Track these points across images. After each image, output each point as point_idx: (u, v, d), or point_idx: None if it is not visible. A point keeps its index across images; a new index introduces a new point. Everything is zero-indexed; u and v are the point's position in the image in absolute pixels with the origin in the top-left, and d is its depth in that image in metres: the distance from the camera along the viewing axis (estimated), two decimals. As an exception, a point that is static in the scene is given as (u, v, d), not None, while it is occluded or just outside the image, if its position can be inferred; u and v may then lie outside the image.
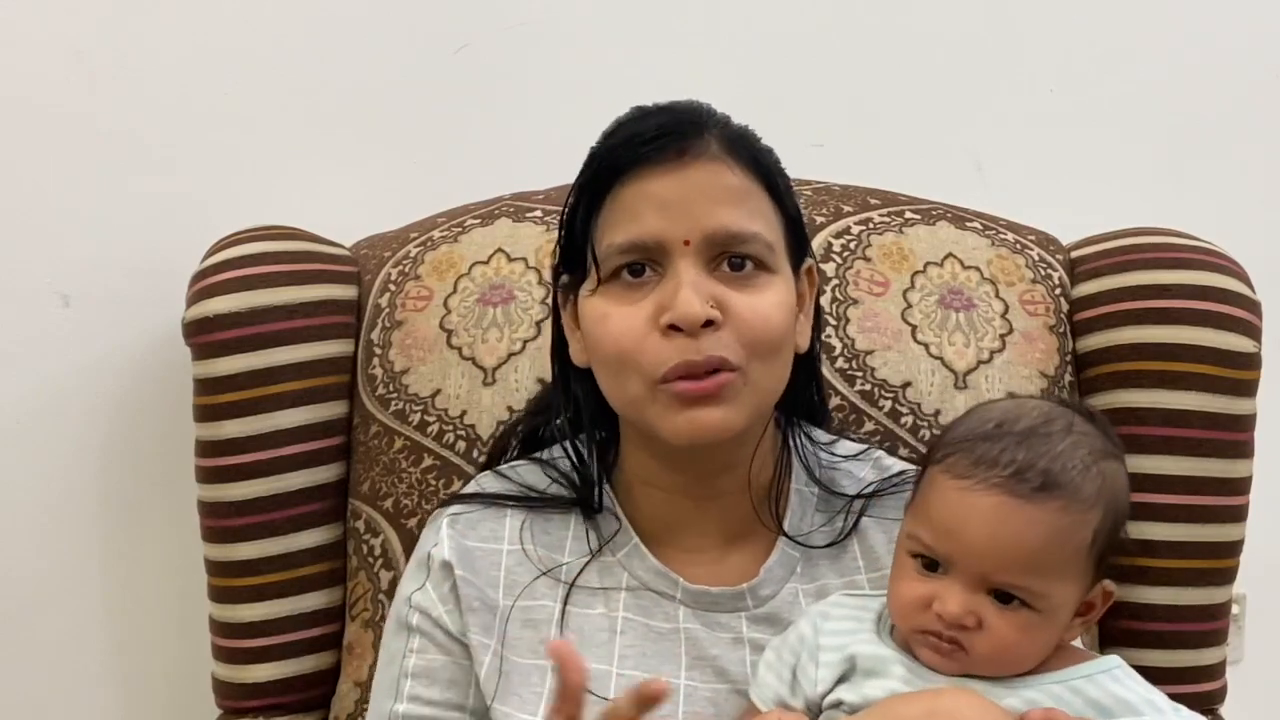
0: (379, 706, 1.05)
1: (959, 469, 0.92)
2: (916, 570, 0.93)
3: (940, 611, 0.90)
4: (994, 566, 0.90)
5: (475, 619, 1.03)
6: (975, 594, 0.90)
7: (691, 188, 0.97)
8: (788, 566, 1.06)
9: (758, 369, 0.98)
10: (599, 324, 0.99)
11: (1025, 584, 0.90)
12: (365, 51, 1.54)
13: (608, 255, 0.99)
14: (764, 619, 1.03)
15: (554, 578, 1.04)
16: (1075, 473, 0.91)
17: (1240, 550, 1.29)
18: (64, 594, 1.52)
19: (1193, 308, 1.26)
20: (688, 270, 0.96)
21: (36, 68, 1.45)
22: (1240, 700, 1.36)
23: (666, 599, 1.04)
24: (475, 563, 1.05)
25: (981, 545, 0.89)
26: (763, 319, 0.97)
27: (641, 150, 0.98)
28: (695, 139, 0.98)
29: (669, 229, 0.97)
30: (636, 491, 1.07)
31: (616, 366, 0.99)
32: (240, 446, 1.27)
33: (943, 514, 0.92)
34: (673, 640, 1.03)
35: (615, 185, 0.99)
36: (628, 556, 1.05)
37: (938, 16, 1.62)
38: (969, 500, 0.90)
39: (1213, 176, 1.67)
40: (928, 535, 0.92)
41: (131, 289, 1.48)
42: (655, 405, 0.97)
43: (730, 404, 0.97)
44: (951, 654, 0.91)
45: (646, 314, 0.97)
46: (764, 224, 1.00)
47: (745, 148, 1.01)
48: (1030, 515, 0.89)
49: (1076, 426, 0.94)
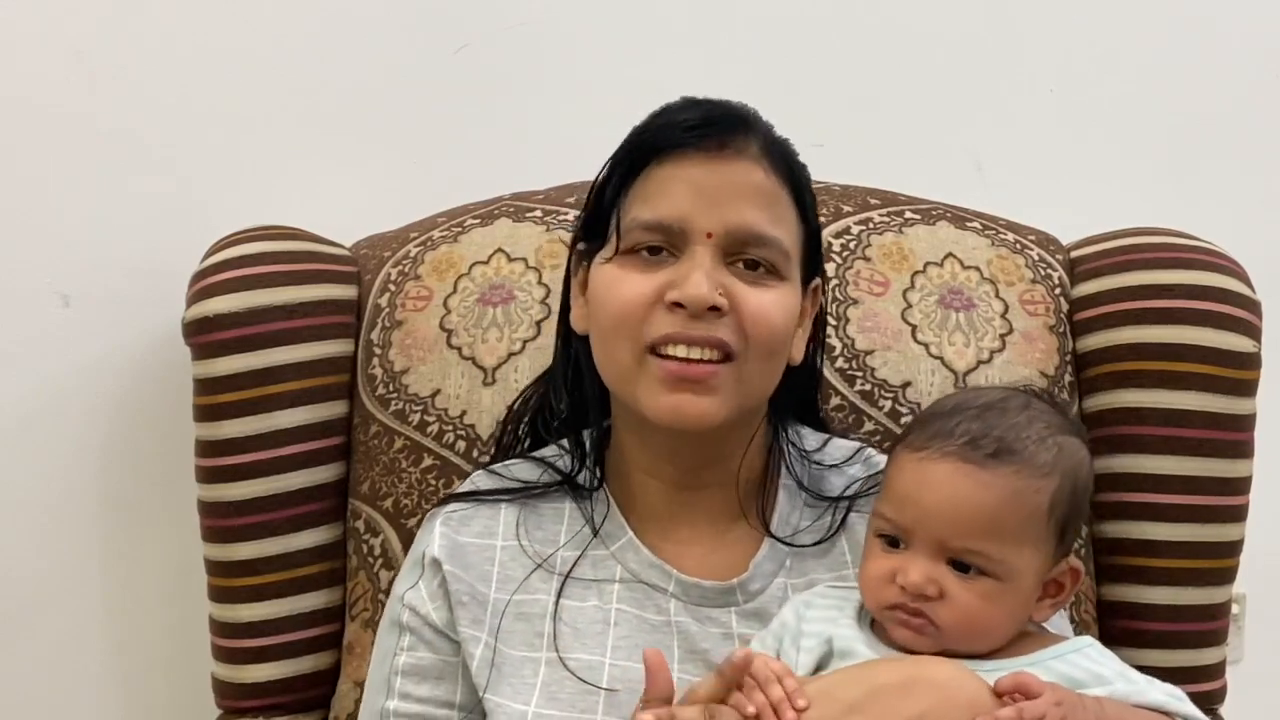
0: (371, 702, 1.06)
1: (916, 442, 0.95)
2: (881, 548, 0.95)
3: (903, 582, 0.92)
4: (950, 531, 0.91)
5: (465, 612, 1.03)
6: (936, 563, 0.92)
7: (725, 180, 0.99)
8: (777, 561, 1.06)
9: (752, 364, 0.99)
10: (607, 288, 1.01)
11: (981, 548, 0.91)
12: (365, 51, 1.54)
13: (630, 228, 1.00)
14: (753, 614, 1.04)
15: (548, 570, 1.05)
16: (1030, 442, 0.93)
17: (1240, 550, 1.29)
18: (64, 594, 1.52)
19: (1193, 308, 1.26)
20: (704, 258, 0.98)
21: (36, 68, 1.45)
22: (1240, 700, 1.36)
23: (659, 591, 1.05)
24: (467, 558, 1.06)
25: (937, 510, 0.92)
26: (766, 317, 0.99)
27: (685, 134, 1.00)
28: (738, 135, 1.00)
29: (696, 216, 0.98)
30: (629, 479, 1.08)
31: (612, 330, 1.00)
32: (240, 446, 1.27)
33: (901, 484, 0.95)
34: (665, 633, 1.03)
35: (652, 162, 1.01)
36: (621, 549, 1.06)
37: (938, 16, 1.62)
38: (924, 468, 0.93)
39: (1213, 176, 1.67)
40: (889, 509, 0.95)
41: (131, 289, 1.48)
42: (643, 377, 0.99)
43: (717, 395, 0.98)
44: (921, 629, 0.92)
45: (655, 285, 0.99)
46: (786, 231, 1.02)
47: (782, 155, 1.03)
48: (984, 479, 0.92)
49: (1034, 405, 0.96)
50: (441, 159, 1.56)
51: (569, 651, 1.02)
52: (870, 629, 0.97)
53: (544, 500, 1.09)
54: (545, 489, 1.09)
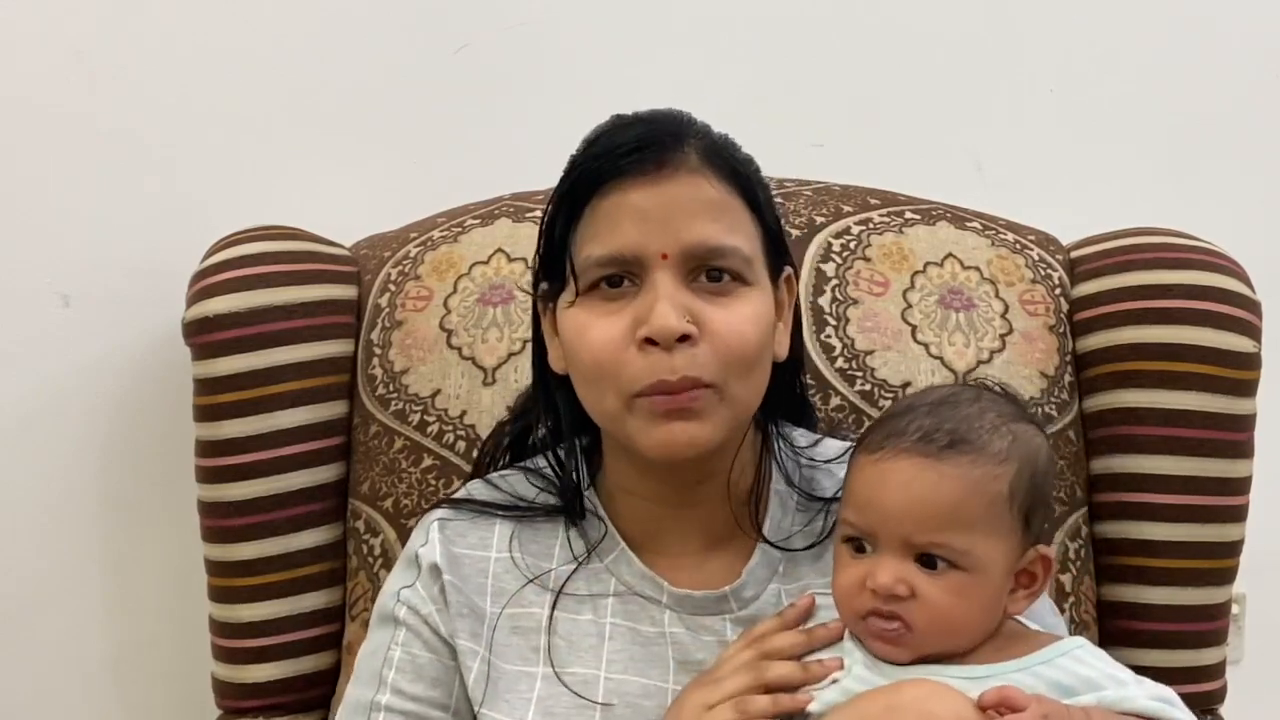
0: (357, 695, 1.05)
1: (872, 444, 0.95)
2: (850, 556, 0.94)
3: (873, 585, 0.91)
4: (913, 527, 0.91)
5: (463, 624, 1.03)
6: (904, 562, 0.91)
7: (670, 200, 0.97)
8: (770, 567, 1.06)
9: (734, 385, 0.98)
10: (578, 336, 0.99)
11: (946, 541, 0.91)
12: (365, 51, 1.54)
13: (586, 267, 0.98)
14: (747, 621, 1.03)
15: (541, 585, 1.05)
16: (983, 431, 0.93)
17: (1240, 550, 1.29)
18: (64, 594, 1.52)
19: (1193, 308, 1.26)
20: (664, 283, 0.96)
21: (36, 68, 1.45)
22: (1240, 700, 1.36)
23: (653, 604, 1.04)
24: (463, 569, 1.05)
25: (897, 508, 0.91)
26: (739, 335, 0.97)
27: (621, 162, 0.97)
28: (674, 150, 0.98)
29: (647, 241, 0.96)
30: (619, 500, 1.07)
31: (594, 379, 0.99)
32: (240, 446, 1.27)
33: (860, 488, 0.94)
34: (660, 645, 1.03)
35: (594, 196, 0.98)
36: (615, 562, 1.05)
37: (938, 16, 1.62)
38: (881, 468, 0.93)
39: (1213, 176, 1.67)
40: (851, 514, 0.94)
41: (131, 289, 1.48)
42: (632, 419, 0.97)
43: (705, 420, 0.97)
44: (897, 637, 0.92)
45: (623, 326, 0.97)
46: (742, 237, 0.99)
47: (724, 160, 1.00)
48: (940, 471, 0.91)
49: (984, 397, 0.97)
50: (441, 159, 1.56)
51: (564, 666, 1.01)
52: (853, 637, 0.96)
53: (539, 516, 1.08)
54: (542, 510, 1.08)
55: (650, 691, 1.01)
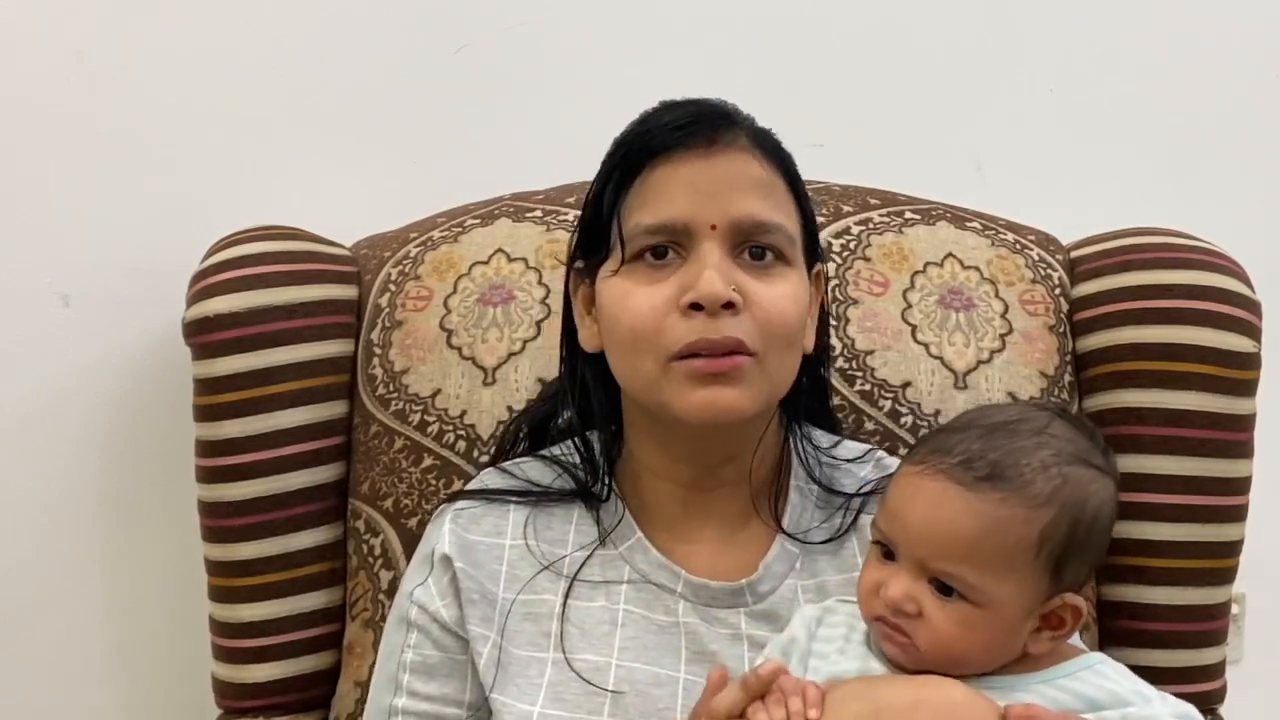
0: (378, 700, 1.06)
1: (917, 456, 0.94)
2: (876, 558, 0.94)
3: (884, 596, 0.91)
4: (930, 551, 0.90)
5: (474, 610, 1.03)
6: (917, 581, 0.90)
7: (720, 174, 1.00)
8: (787, 562, 1.06)
9: (773, 358, 0.99)
10: (619, 302, 1.01)
11: (958, 573, 0.89)
12: (365, 51, 1.54)
13: (634, 235, 1.00)
14: (763, 615, 1.04)
15: (556, 572, 1.05)
16: (1028, 469, 0.89)
17: (1240, 550, 1.29)
18: (64, 594, 1.52)
19: (1193, 308, 1.26)
20: (712, 253, 0.98)
21: (36, 68, 1.45)
22: (1240, 700, 1.36)
23: (667, 592, 1.04)
24: (477, 556, 1.06)
25: (918, 528, 0.91)
26: (780, 309, 0.99)
27: (674, 134, 1.00)
28: (726, 129, 1.01)
29: (697, 212, 0.99)
30: (641, 482, 1.08)
31: (631, 345, 1.00)
32: (240, 446, 1.27)
33: (894, 498, 0.94)
34: (673, 634, 1.03)
35: (645, 167, 1.01)
36: (630, 549, 1.06)
37: (938, 16, 1.62)
38: (915, 483, 0.92)
39: (1213, 176, 1.67)
40: (882, 520, 0.94)
41: (131, 289, 1.48)
42: (669, 383, 0.98)
43: (744, 386, 0.98)
44: (904, 646, 0.91)
45: (668, 294, 0.99)
46: (786, 217, 1.02)
47: (772, 143, 1.04)
48: (967, 503, 0.89)
49: (1052, 429, 0.92)
50: (441, 159, 1.56)
51: (576, 652, 1.02)
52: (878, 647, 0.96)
53: (554, 500, 1.09)
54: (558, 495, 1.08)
55: (661, 680, 1.01)
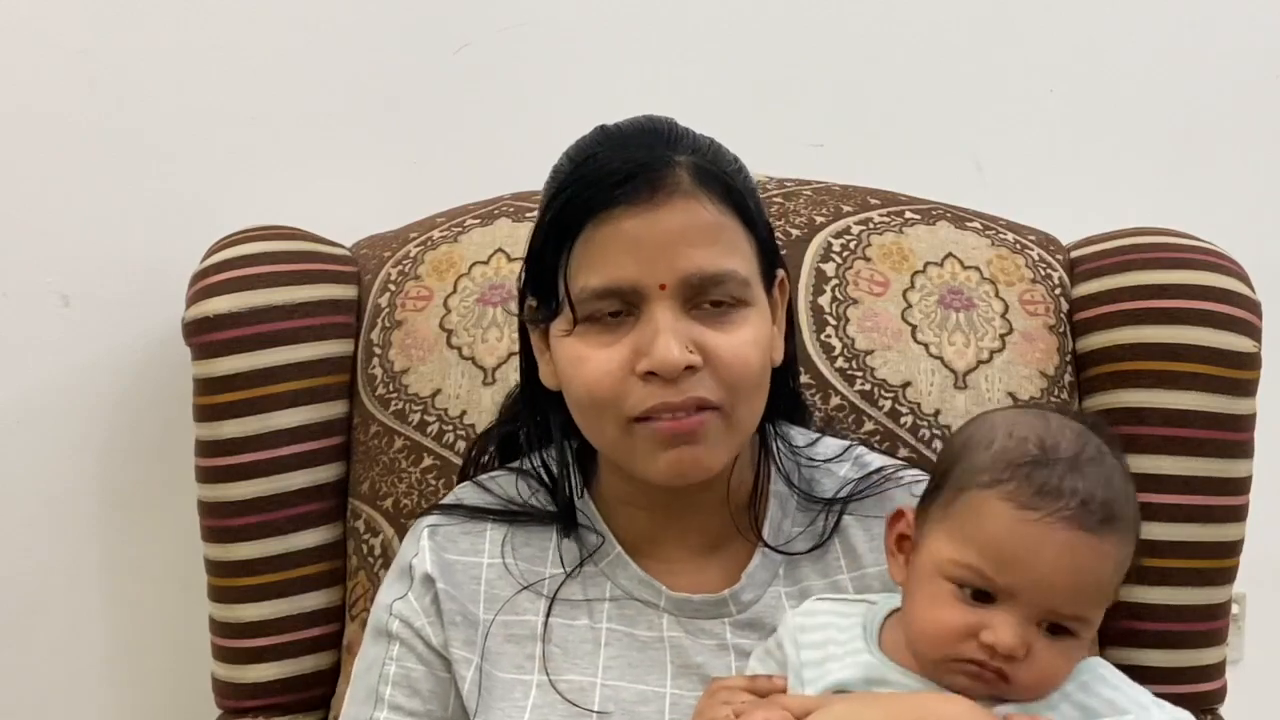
0: (355, 713, 1.04)
1: (1021, 498, 0.88)
2: (961, 599, 0.89)
3: (993, 643, 0.87)
4: (1063, 600, 0.88)
5: (457, 633, 1.02)
6: (1028, 625, 0.88)
7: (665, 229, 0.94)
8: (770, 570, 1.05)
9: (740, 408, 0.97)
10: (575, 366, 0.97)
11: (1087, 614, 0.89)
12: (365, 51, 1.54)
13: (582, 299, 0.96)
14: (747, 624, 1.03)
15: (536, 591, 1.04)
16: (1126, 502, 0.90)
17: (1240, 550, 1.28)
18: (64, 594, 1.52)
19: (1192, 308, 1.25)
20: (664, 314, 0.94)
21: (37, 68, 1.45)
22: (1240, 700, 1.36)
23: (650, 608, 1.03)
24: (456, 576, 1.04)
25: (1053, 578, 0.87)
26: (743, 361, 0.96)
27: (614, 192, 0.94)
28: (666, 174, 0.95)
29: (644, 273, 0.94)
30: (615, 508, 1.06)
31: (591, 408, 0.97)
32: (240, 446, 1.27)
33: (1011, 545, 0.88)
34: (657, 649, 1.02)
35: (586, 226, 0.95)
36: (610, 566, 1.05)
37: (938, 16, 1.62)
38: (1040, 534, 0.87)
39: (1213, 177, 1.67)
40: (987, 566, 0.88)
41: (131, 289, 1.48)
42: (634, 445, 0.96)
43: (711, 443, 0.96)
44: (992, 684, 0.88)
45: (622, 357, 0.95)
46: (740, 259, 0.97)
47: (715, 178, 0.97)
48: (1101, 549, 0.88)
49: (1103, 447, 0.92)
50: (441, 159, 1.56)
51: (559, 673, 1.00)
52: (880, 648, 0.94)
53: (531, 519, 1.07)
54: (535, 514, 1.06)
55: (647, 697, 1.00)
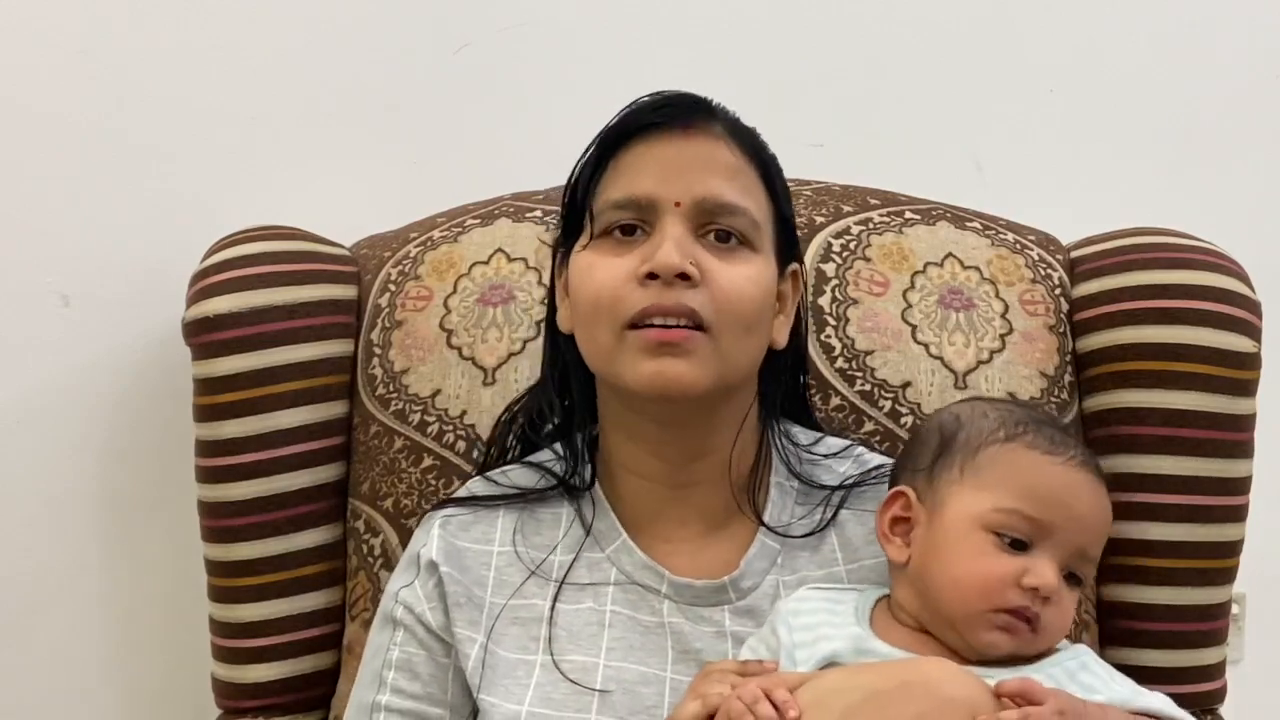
0: (361, 697, 1.07)
1: (1044, 445, 0.95)
2: (1000, 547, 0.93)
3: (1036, 583, 0.91)
4: (1092, 538, 0.94)
5: (461, 613, 1.04)
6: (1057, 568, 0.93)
7: (691, 155, 1.02)
8: (768, 558, 1.06)
9: (727, 337, 1.00)
10: (584, 274, 1.03)
11: (1097, 558, 0.95)
12: (365, 51, 1.54)
13: (602, 210, 1.03)
14: (745, 612, 1.04)
15: (544, 577, 1.06)
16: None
17: (1240, 550, 1.28)
18: (64, 594, 1.52)
19: (1192, 308, 1.25)
20: (674, 228, 1.00)
21: (37, 67, 1.45)
22: (1240, 700, 1.36)
23: (652, 593, 1.05)
24: (465, 561, 1.07)
25: (1088, 517, 0.94)
26: (738, 288, 1.00)
27: (651, 114, 1.03)
28: (703, 116, 1.04)
29: (663, 189, 1.01)
30: (619, 480, 1.08)
31: (591, 314, 1.02)
32: (240, 446, 1.27)
33: (1047, 484, 0.94)
34: (659, 635, 1.04)
35: (620, 149, 1.03)
36: (616, 551, 1.07)
37: (938, 16, 1.63)
38: (1069, 474, 0.94)
39: (1213, 177, 1.67)
40: (1027, 506, 0.93)
41: (131, 289, 1.48)
42: (623, 354, 1.00)
43: (695, 361, 0.99)
44: (1022, 634, 0.92)
45: (630, 266, 1.00)
46: (753, 202, 1.04)
47: (747, 137, 1.06)
48: (1104, 494, 0.97)
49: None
50: (441, 159, 1.56)
51: (563, 654, 1.03)
52: (869, 626, 0.97)
53: (542, 505, 1.10)
54: (541, 494, 1.09)
55: (648, 679, 1.02)
